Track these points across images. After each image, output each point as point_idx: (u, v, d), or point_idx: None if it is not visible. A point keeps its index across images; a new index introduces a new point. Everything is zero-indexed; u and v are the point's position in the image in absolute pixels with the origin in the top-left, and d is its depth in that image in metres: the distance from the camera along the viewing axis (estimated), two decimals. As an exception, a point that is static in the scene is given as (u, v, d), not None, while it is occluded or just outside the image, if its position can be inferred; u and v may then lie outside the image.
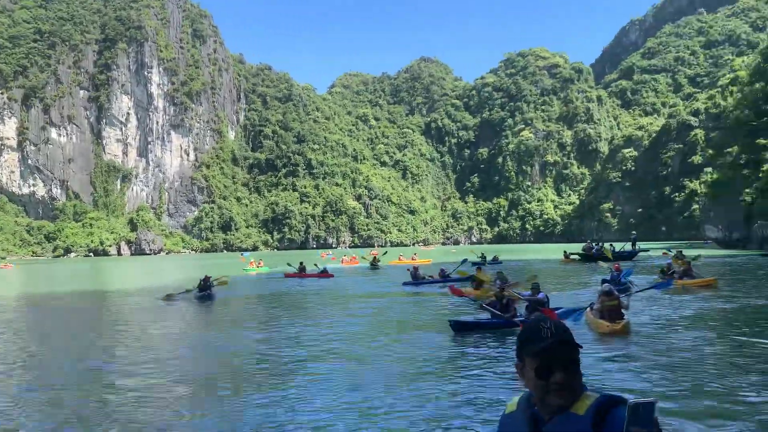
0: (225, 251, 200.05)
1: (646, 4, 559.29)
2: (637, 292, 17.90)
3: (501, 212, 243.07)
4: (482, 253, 51.13)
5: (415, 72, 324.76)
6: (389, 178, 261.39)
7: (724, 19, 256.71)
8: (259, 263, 51.29)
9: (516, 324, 13.51)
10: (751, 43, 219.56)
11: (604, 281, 16.13)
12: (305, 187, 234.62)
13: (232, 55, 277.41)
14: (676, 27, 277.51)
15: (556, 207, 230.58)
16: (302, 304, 21.86)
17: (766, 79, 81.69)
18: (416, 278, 28.86)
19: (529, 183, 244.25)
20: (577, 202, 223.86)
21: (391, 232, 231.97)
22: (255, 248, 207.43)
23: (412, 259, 54.45)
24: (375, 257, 48.99)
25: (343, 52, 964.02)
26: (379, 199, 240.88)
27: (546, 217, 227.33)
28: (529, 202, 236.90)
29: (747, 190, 70.34)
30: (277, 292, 27.82)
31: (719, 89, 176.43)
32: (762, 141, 70.52)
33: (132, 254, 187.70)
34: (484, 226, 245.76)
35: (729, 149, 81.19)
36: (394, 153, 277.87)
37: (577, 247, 57.36)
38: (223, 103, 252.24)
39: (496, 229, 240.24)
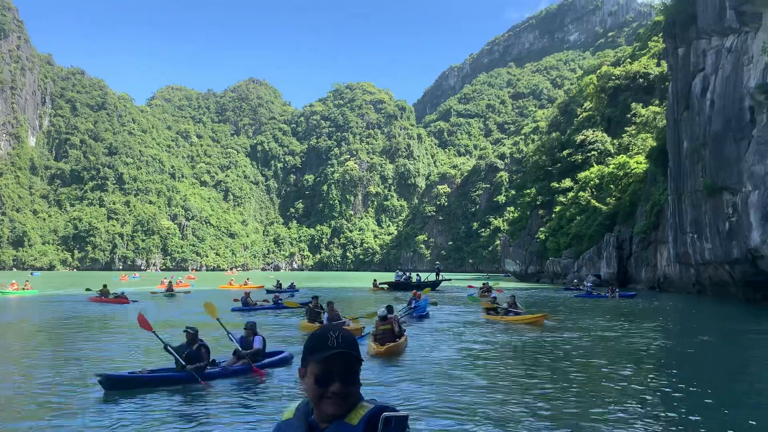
0: (15, 269, 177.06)
1: (465, 53, 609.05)
2: (405, 314, 19.88)
3: (324, 239, 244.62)
4: (278, 280, 51.63)
5: (243, 92, 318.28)
6: (209, 198, 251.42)
7: (529, 75, 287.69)
8: (25, 285, 43.49)
9: (199, 378, 9.87)
10: (551, 98, 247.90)
11: (387, 306, 15.56)
12: (114, 203, 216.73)
13: (39, 55, 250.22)
14: (489, 77, 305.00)
15: (376, 236, 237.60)
16: (59, 336, 18.32)
17: (561, 130, 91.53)
18: (247, 304, 27.22)
19: (352, 212, 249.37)
20: (396, 232, 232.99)
21: (207, 256, 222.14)
22: (51, 267, 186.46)
23: (245, 284, 52.03)
24: (170, 282, 45.35)
25: (166, 64, 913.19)
26: (197, 220, 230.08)
27: (366, 245, 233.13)
28: (351, 231, 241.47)
29: (542, 229, 77.27)
30: (50, 317, 23.71)
31: (523, 136, 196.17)
32: (555, 184, 78.26)
33: None
34: (306, 253, 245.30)
35: (528, 191, 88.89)
36: (216, 173, 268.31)
37: (391, 276, 58.75)
38: (25, 105, 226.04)
39: (318, 255, 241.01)
